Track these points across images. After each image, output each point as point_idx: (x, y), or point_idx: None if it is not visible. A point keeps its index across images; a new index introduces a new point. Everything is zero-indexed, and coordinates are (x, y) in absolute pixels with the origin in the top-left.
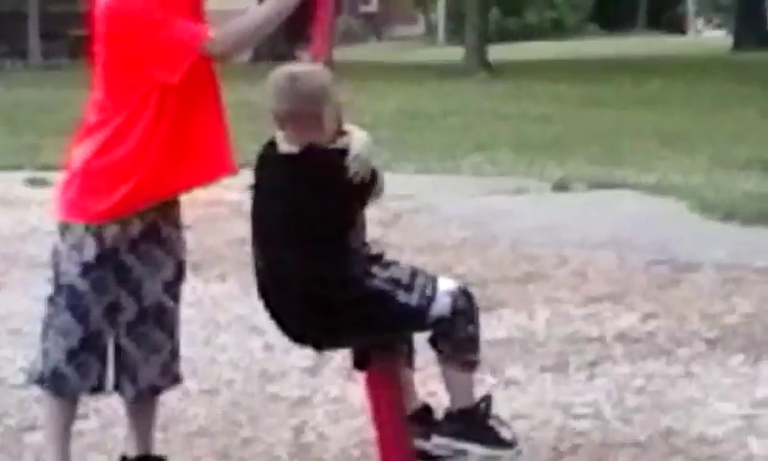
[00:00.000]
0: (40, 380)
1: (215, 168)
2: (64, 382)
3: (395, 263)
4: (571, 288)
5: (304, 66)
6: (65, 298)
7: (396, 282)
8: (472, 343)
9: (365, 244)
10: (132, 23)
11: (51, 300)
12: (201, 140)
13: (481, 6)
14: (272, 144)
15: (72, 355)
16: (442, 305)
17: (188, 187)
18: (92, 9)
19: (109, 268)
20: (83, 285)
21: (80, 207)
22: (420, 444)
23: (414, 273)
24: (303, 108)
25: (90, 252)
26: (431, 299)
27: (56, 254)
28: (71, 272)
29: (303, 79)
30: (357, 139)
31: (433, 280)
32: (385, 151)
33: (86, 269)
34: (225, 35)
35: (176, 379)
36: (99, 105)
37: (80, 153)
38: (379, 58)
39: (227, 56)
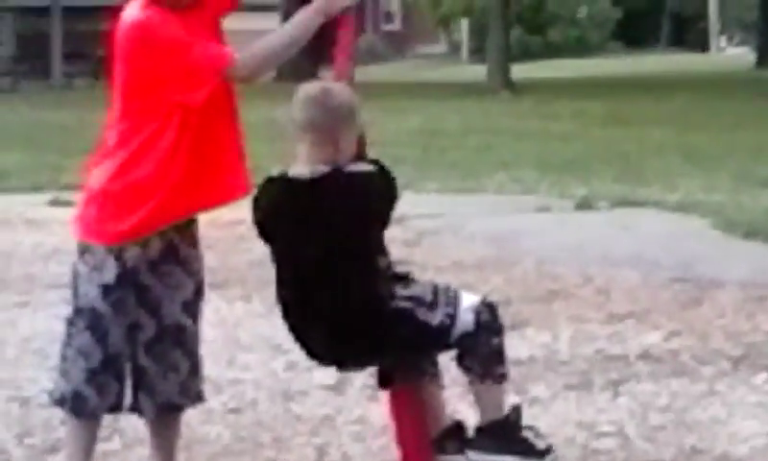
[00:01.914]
0: (61, 402)
1: (234, 188)
2: (85, 403)
3: (416, 281)
4: (595, 306)
5: (337, 84)
6: (85, 319)
7: (419, 301)
8: (499, 356)
9: (390, 264)
10: (156, 45)
11: (70, 321)
12: (220, 160)
13: (504, 24)
14: (281, 182)
15: (92, 376)
16: (465, 322)
17: (208, 207)
18: (114, 29)
19: (129, 289)
20: (103, 307)
21: (100, 229)
22: (455, 460)
23: (436, 290)
24: (326, 120)
25: (111, 273)
26: (454, 316)
27: (75, 275)
28: (91, 293)
29: (333, 93)
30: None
31: (456, 297)
32: (408, 169)
33: (107, 291)
34: (250, 56)
35: (197, 398)
36: (118, 126)
37: (99, 174)
38: (402, 76)
39: (251, 78)
